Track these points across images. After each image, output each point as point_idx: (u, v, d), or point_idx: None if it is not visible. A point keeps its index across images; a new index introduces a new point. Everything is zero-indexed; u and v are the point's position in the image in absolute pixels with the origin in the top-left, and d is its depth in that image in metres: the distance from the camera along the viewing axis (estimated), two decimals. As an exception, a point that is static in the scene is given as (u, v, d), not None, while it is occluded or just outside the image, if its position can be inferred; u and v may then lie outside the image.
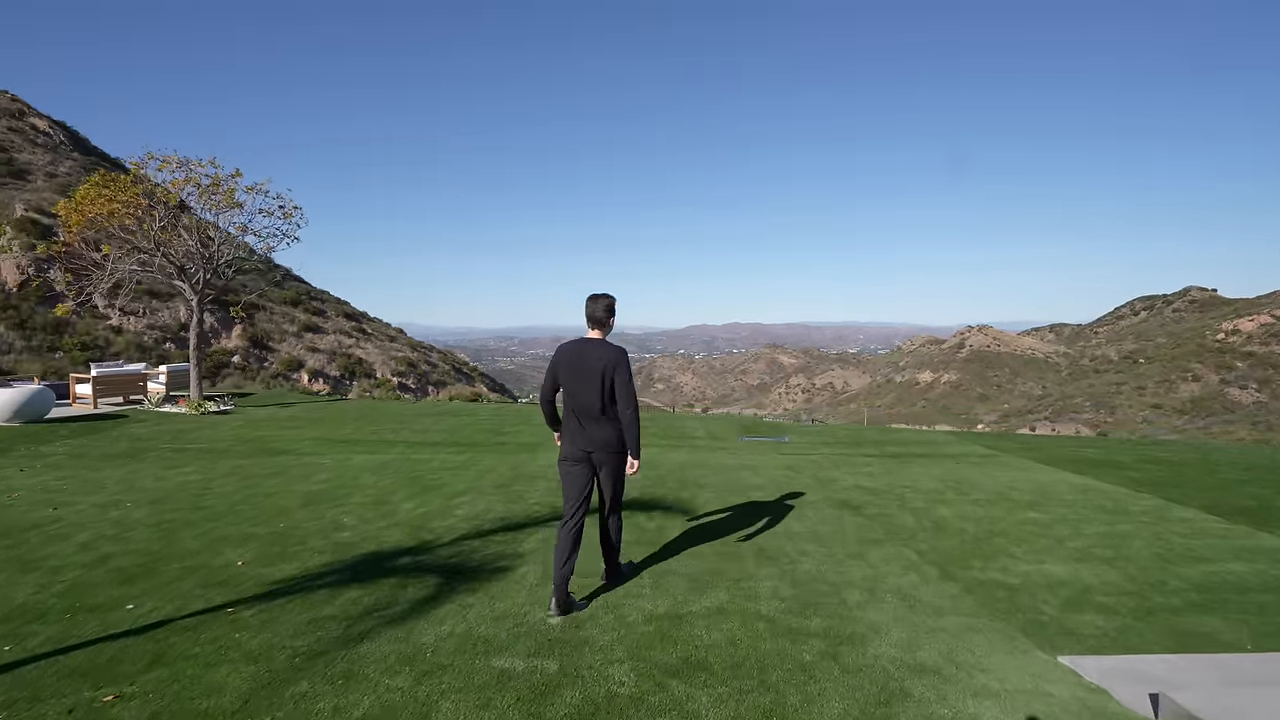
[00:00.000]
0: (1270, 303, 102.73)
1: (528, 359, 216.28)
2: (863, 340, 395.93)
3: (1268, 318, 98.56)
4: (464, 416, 12.48)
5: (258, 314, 45.83)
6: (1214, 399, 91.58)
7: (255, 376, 39.01)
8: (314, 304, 50.21)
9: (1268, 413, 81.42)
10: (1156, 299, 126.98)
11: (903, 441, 10.52)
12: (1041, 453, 9.62)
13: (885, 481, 7.50)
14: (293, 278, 52.30)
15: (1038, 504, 6.59)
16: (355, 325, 50.41)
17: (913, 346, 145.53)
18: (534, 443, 9.59)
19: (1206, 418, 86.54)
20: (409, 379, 46.32)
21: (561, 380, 3.74)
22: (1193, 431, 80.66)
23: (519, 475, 7.21)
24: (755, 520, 5.67)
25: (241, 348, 40.82)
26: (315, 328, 46.62)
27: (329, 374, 42.73)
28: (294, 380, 40.61)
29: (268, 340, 42.67)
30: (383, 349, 48.44)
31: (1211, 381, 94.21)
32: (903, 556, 4.89)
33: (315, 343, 44.72)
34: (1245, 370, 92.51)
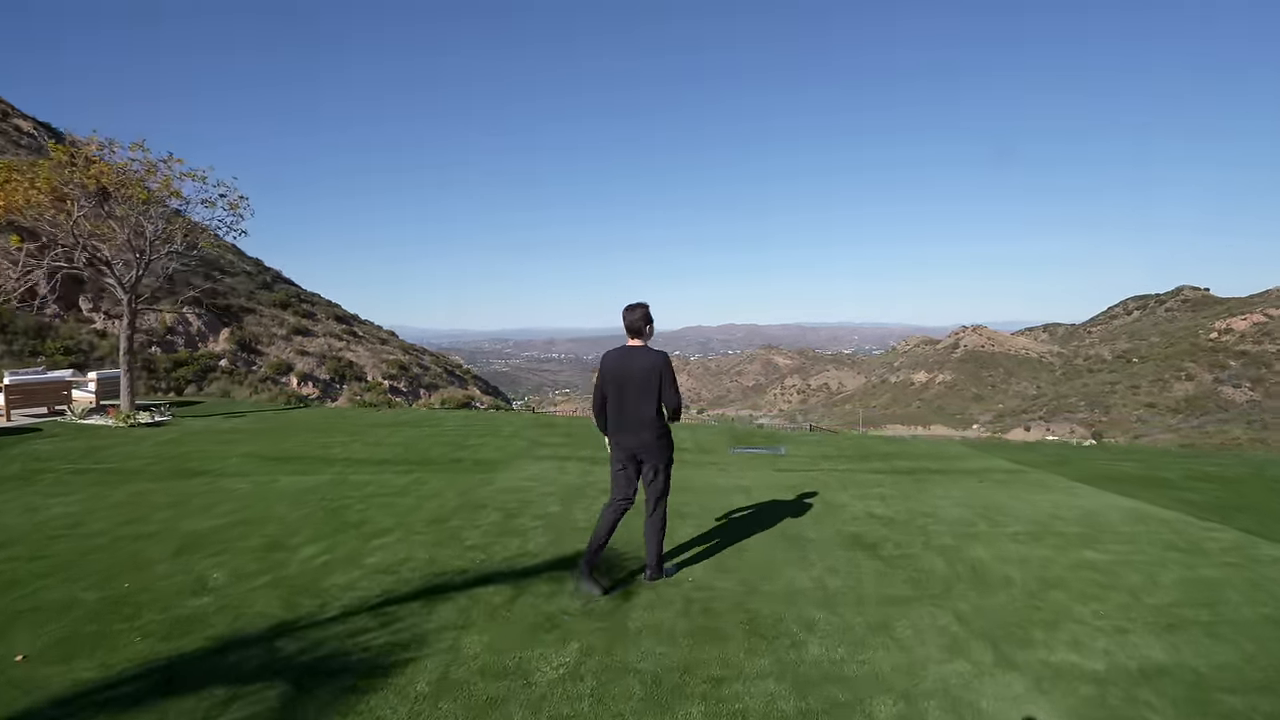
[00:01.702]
0: (1263, 301, 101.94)
1: (522, 361, 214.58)
2: (858, 341, 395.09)
3: (1260, 316, 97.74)
4: (426, 427, 11.18)
5: (246, 317, 44.59)
6: (1208, 398, 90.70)
7: (243, 380, 37.69)
8: (304, 306, 48.90)
9: (1262, 411, 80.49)
10: (1149, 298, 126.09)
11: (914, 454, 9.27)
12: (1074, 468, 8.37)
13: (902, 508, 6.23)
14: (283, 280, 51.06)
15: (1091, 539, 5.33)
16: (346, 328, 49.13)
17: (907, 347, 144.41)
18: (495, 460, 8.31)
19: (1201, 416, 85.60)
20: (400, 382, 45.02)
21: (607, 387, 3.82)
22: (1187, 431, 79.71)
23: (465, 505, 5.93)
24: (746, 569, 4.39)
25: (229, 351, 39.52)
26: (305, 330, 45.31)
27: (319, 377, 41.43)
28: (283, 384, 39.36)
29: (256, 343, 41.37)
30: (374, 352, 47.14)
31: (1205, 380, 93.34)
32: (940, 626, 3.62)
33: (305, 345, 43.40)
34: (1238, 369, 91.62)
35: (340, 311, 51.90)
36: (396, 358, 48.70)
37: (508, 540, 4.88)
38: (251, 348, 42.41)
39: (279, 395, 40.07)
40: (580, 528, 5.26)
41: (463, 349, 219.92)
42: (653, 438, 3.79)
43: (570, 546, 4.76)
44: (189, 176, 11.11)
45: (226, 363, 39.90)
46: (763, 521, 5.62)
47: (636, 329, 3.83)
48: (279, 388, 40.31)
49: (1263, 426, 74.28)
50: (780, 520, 5.66)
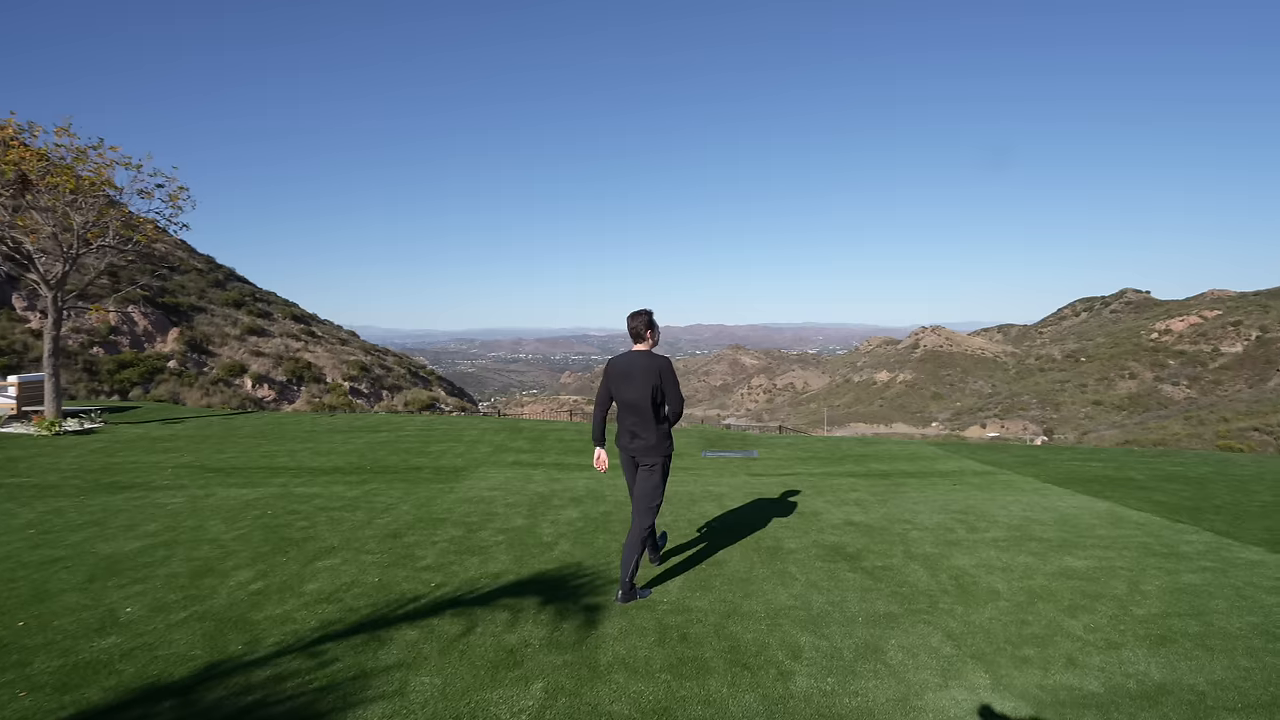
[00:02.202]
0: (1198, 304, 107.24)
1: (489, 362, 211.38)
2: (822, 341, 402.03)
3: (1196, 318, 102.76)
4: (384, 433, 10.60)
5: (197, 316, 42.65)
6: (1149, 395, 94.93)
7: (193, 382, 35.96)
8: (259, 305, 47.06)
9: (1198, 407, 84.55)
10: (1096, 300, 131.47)
11: (887, 456, 9.16)
12: (1045, 469, 8.36)
13: (879, 514, 6.04)
14: (236, 278, 49.06)
15: (1070, 544, 5.21)
16: (304, 328, 47.43)
17: (870, 347, 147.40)
18: (457, 467, 7.85)
19: (1143, 413, 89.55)
20: (362, 384, 43.65)
21: (614, 391, 3.92)
22: (1131, 427, 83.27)
23: (422, 519, 5.49)
24: (725, 586, 4.10)
25: (179, 352, 37.65)
26: (260, 330, 43.54)
27: (275, 379, 39.82)
28: (236, 386, 37.71)
29: (207, 344, 39.54)
30: (334, 353, 45.59)
31: (1147, 379, 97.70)
32: (932, 647, 3.39)
33: (260, 346, 41.69)
34: (1177, 368, 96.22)
35: (298, 311, 50.15)
36: (358, 359, 47.25)
37: (467, 559, 4.48)
38: (202, 348, 40.60)
39: (232, 398, 38.44)
40: (545, 542, 4.89)
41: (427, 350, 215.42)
42: (654, 440, 3.87)
43: (536, 565, 4.40)
44: (122, 164, 10.28)
45: (175, 364, 38.07)
46: (739, 531, 5.34)
47: (639, 334, 3.90)
48: (232, 390, 38.68)
49: (1199, 422, 78.02)
50: (757, 530, 5.39)
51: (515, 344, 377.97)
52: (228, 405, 35.36)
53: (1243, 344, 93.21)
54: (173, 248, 48.43)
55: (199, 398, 36.34)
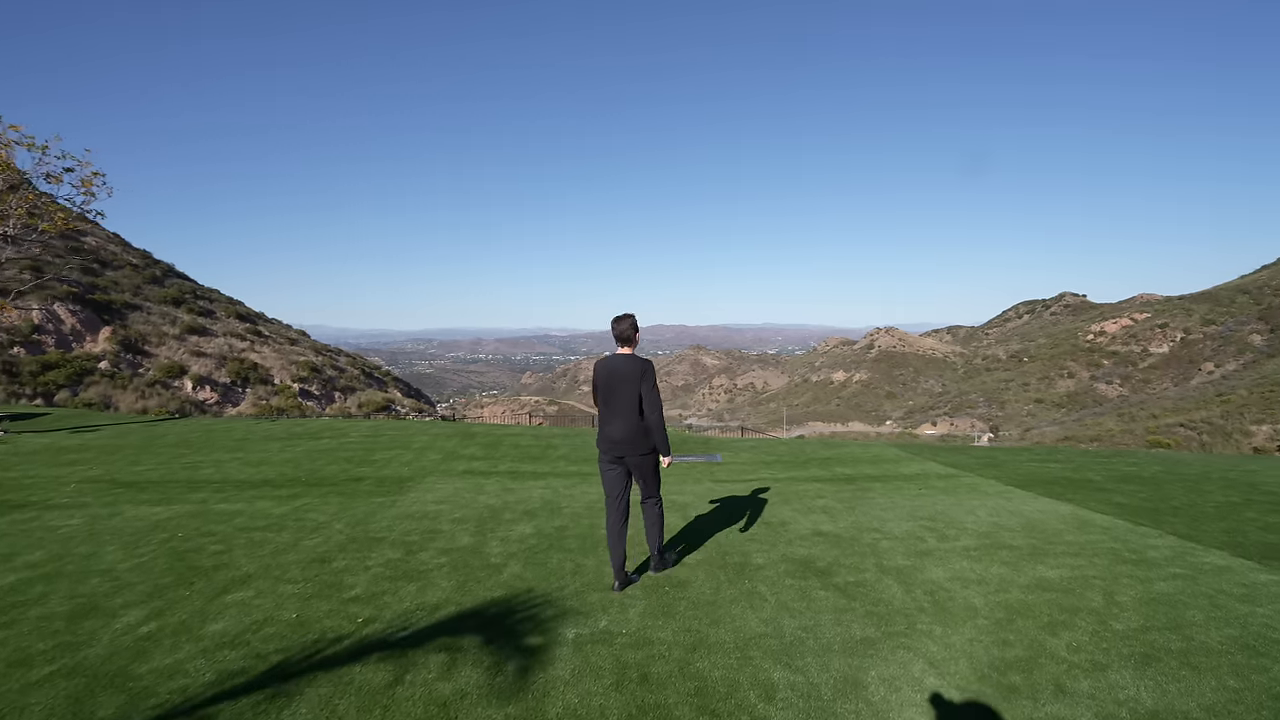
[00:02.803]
0: (1130, 307, 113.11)
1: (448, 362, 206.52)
2: (781, 341, 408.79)
3: (1128, 320, 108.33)
4: (326, 439, 9.87)
5: (131, 314, 40.13)
6: (1086, 394, 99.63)
7: (127, 384, 33.75)
8: (200, 303, 44.66)
9: (1129, 405, 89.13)
10: (1037, 303, 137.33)
11: (851, 459, 8.98)
12: (1006, 470, 8.31)
13: (848, 523, 5.78)
14: (175, 274, 46.47)
15: (1040, 552, 5.04)
16: (250, 327, 45.20)
17: (827, 347, 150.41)
18: (402, 478, 7.27)
19: (1080, 410, 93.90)
20: (313, 385, 41.83)
21: (600, 392, 4.04)
22: (1070, 424, 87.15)
23: (356, 539, 4.95)
24: (689, 610, 3.73)
25: (110, 352, 35.27)
26: (202, 329, 41.25)
27: (218, 381, 37.75)
28: (175, 388, 35.59)
29: (143, 344, 37.20)
30: (282, 353, 43.57)
31: (1084, 378, 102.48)
32: (914, 678, 3.08)
33: (201, 346, 39.47)
34: (1110, 368, 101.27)
35: (243, 309, 47.84)
36: (308, 359, 45.33)
37: (403, 588, 3.98)
38: (137, 348, 38.26)
39: (170, 400, 36.33)
40: (493, 564, 4.43)
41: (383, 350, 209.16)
42: (637, 438, 3.99)
43: (481, 592, 3.93)
44: (24, 145, 9.24)
45: (107, 365, 35.71)
46: (705, 545, 4.99)
47: (626, 338, 4.04)
48: (171, 392, 36.59)
49: (1130, 419, 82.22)
50: (723, 543, 5.05)
51: (475, 344, 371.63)
52: (165, 409, 33.36)
53: (1169, 345, 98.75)
54: (105, 241, 45.55)
55: (133, 401, 34.21)
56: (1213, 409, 69.19)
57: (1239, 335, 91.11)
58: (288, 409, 39.80)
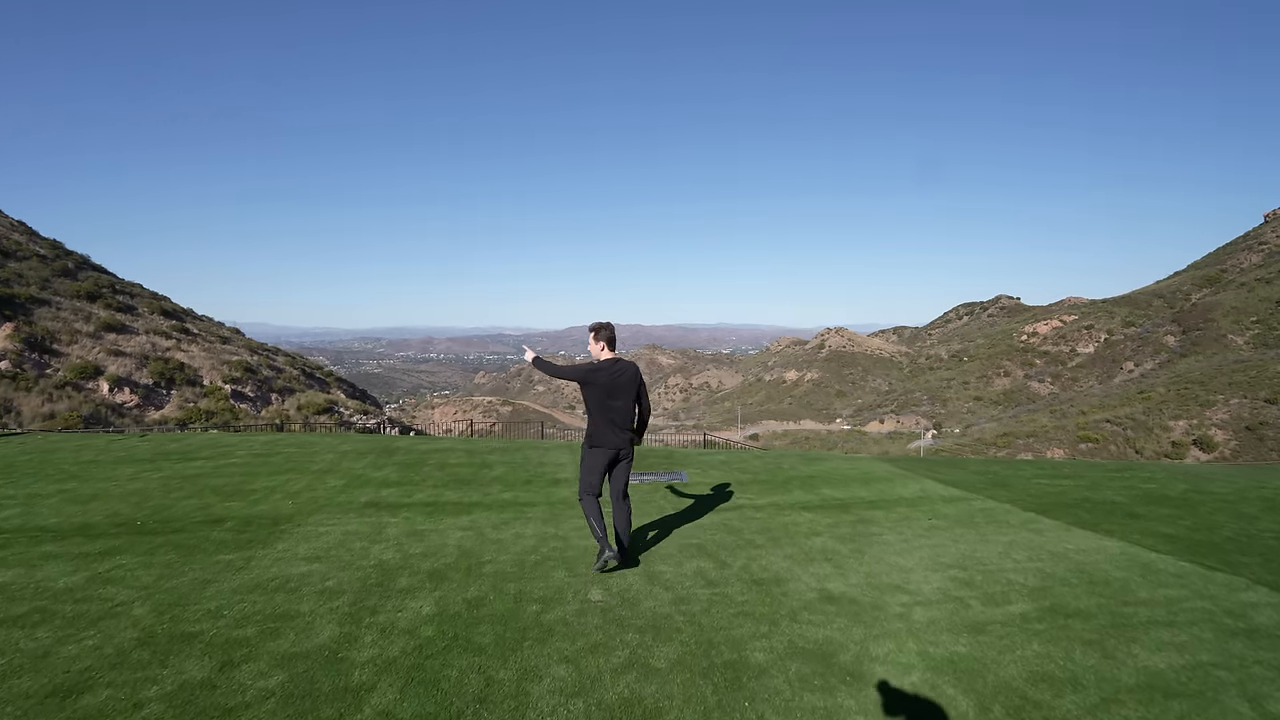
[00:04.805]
0: (1059, 309, 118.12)
1: (397, 361, 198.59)
2: (735, 341, 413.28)
3: (1058, 322, 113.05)
4: (200, 460, 7.85)
5: (38, 310, 35.95)
6: (1020, 391, 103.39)
7: (31, 386, 29.97)
8: (119, 299, 40.56)
9: (1060, 402, 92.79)
10: (975, 305, 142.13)
11: (838, 478, 7.60)
12: (1016, 490, 7.09)
13: (861, 577, 4.34)
14: (90, 266, 42.15)
15: (1122, 622, 3.70)
16: (176, 324, 41.34)
17: (779, 347, 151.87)
18: (279, 516, 5.43)
19: (1016, 407, 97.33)
20: (246, 386, 38.44)
21: (602, 393, 4.18)
22: (1006, 420, 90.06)
23: (154, 637, 3.18)
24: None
25: (12, 351, 31.28)
26: (121, 327, 37.33)
27: (139, 382, 34.09)
28: (89, 390, 31.92)
29: (51, 342, 33.26)
30: (212, 352, 39.94)
31: (1019, 377, 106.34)
32: None
33: (120, 344, 35.66)
34: (1042, 367, 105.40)
35: (169, 305, 43.84)
36: (241, 359, 41.79)
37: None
38: (45, 347, 34.29)
39: (84, 404, 32.76)
40: (354, 687, 2.76)
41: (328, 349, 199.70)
42: (631, 436, 4.27)
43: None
44: None
45: (8, 365, 31.73)
46: (677, 624, 3.45)
47: (614, 342, 4.37)
48: (84, 395, 32.91)
49: (1061, 415, 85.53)
50: (702, 622, 3.51)
51: (426, 343, 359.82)
52: (76, 413, 29.81)
53: (1094, 345, 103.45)
54: (7, 230, 40.89)
55: (39, 404, 30.52)
56: (1135, 406, 72.42)
57: (1155, 336, 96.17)
58: (218, 411, 36.53)
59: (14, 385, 29.74)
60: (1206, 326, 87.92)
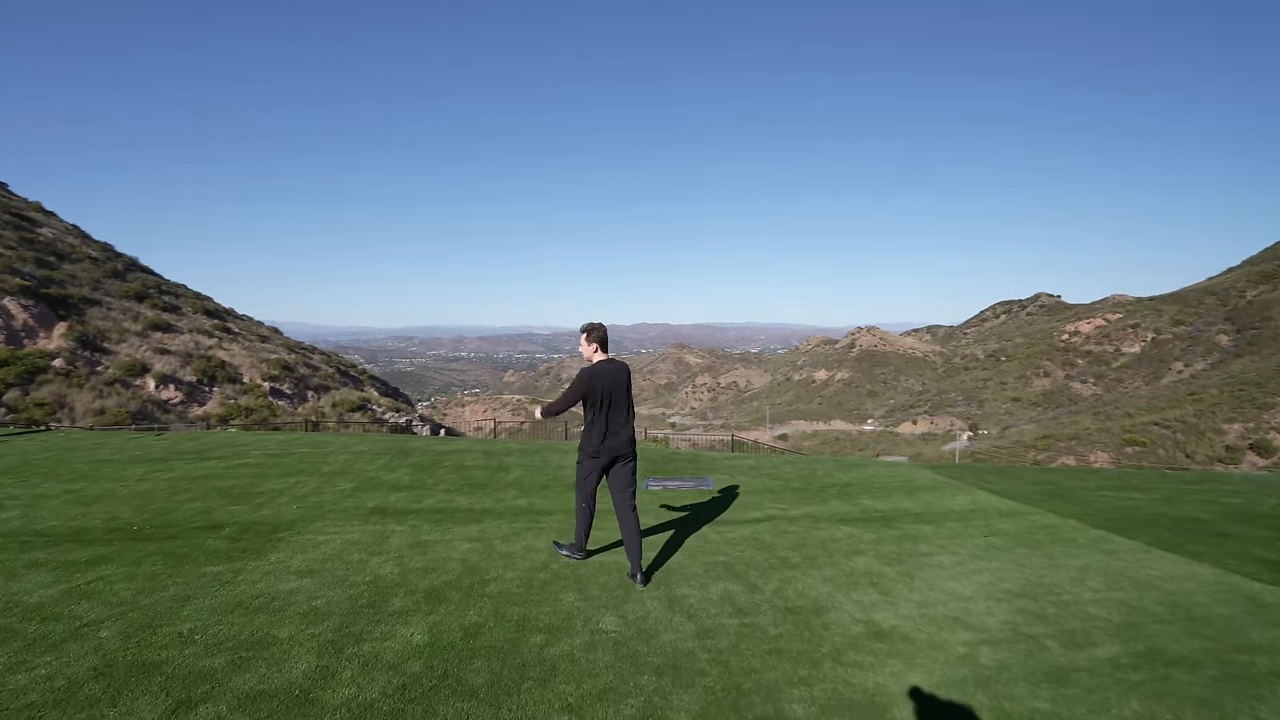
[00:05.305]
0: (1103, 307, 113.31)
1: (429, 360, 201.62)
2: (764, 340, 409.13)
3: (1101, 321, 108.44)
4: (214, 461, 7.62)
5: (90, 309, 37.27)
6: (1061, 392, 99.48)
7: (83, 383, 31.05)
8: (165, 299, 41.81)
9: (1104, 403, 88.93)
10: (1013, 304, 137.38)
11: (878, 487, 6.97)
12: (1080, 503, 6.36)
13: (912, 605, 3.76)
14: (138, 268, 43.57)
15: (1238, 672, 3.03)
16: (218, 323, 42.45)
17: (809, 346, 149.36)
18: (281, 522, 5.11)
19: (1056, 409, 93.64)
20: (284, 384, 39.24)
21: (602, 395, 4.02)
22: (1046, 422, 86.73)
23: (110, 666, 2.82)
24: None
25: (66, 349, 32.47)
26: (166, 326, 38.46)
27: (182, 379, 35.06)
28: (136, 387, 32.93)
29: (102, 340, 34.43)
30: (252, 350, 40.89)
31: (1059, 377, 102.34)
32: None
33: (165, 343, 36.73)
34: (1084, 367, 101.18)
35: (211, 305, 45.07)
36: (279, 357, 42.71)
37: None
38: (96, 345, 35.51)
39: (131, 400, 33.76)
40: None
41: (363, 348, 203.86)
42: (632, 439, 4.13)
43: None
44: None
45: (62, 362, 32.93)
46: (701, 665, 2.95)
47: (606, 342, 4.13)
48: (132, 392, 34.00)
49: (1106, 417, 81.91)
50: (730, 663, 3.00)
51: (457, 342, 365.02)
52: (124, 409, 30.84)
53: (1140, 345, 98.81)
54: (62, 233, 42.54)
55: (90, 400, 31.63)
56: (1185, 408, 68.74)
57: (1207, 336, 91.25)
58: (257, 408, 37.39)
59: (68, 382, 30.84)
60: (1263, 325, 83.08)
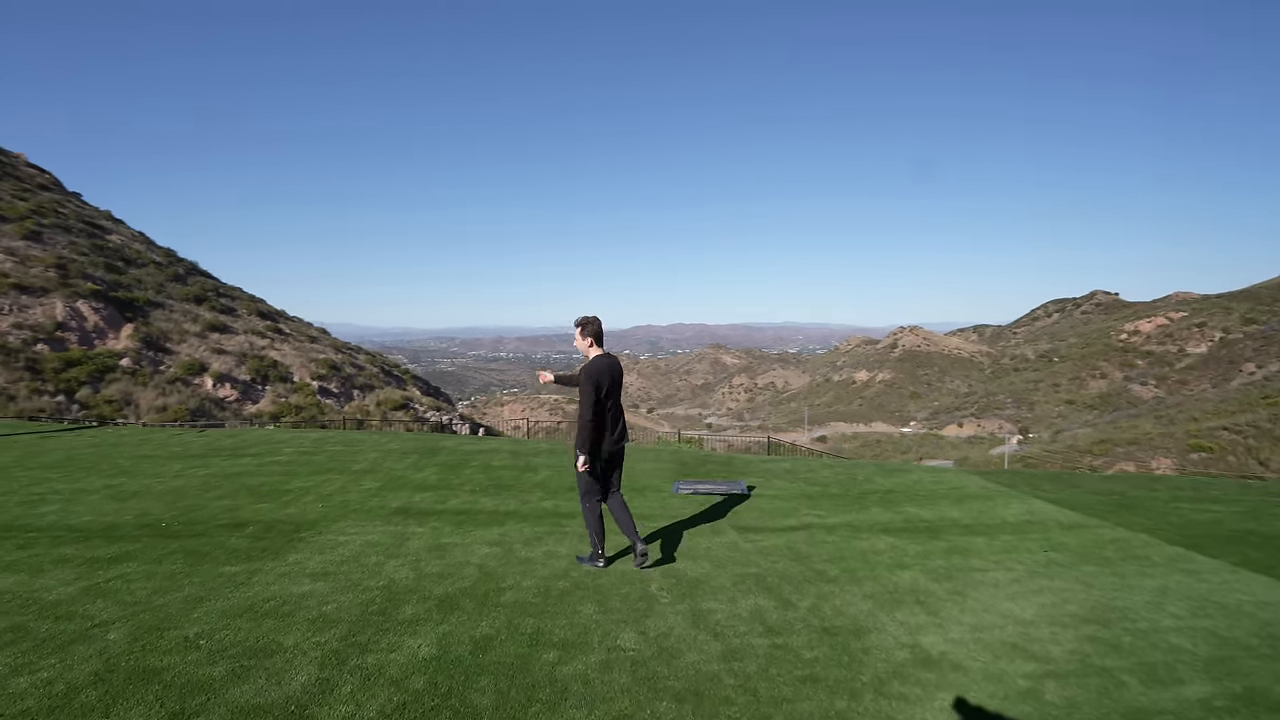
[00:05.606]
0: (1165, 305, 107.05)
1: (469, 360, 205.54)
2: (802, 341, 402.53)
3: (1163, 320, 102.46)
4: (248, 458, 7.70)
5: (154, 312, 39.28)
6: (1119, 395, 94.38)
7: (148, 381, 32.73)
8: (222, 301, 43.72)
9: (1166, 406, 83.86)
10: (1067, 302, 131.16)
11: (923, 493, 6.50)
12: (1151, 515, 5.76)
13: (964, 628, 3.38)
14: (198, 272, 45.67)
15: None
16: (270, 325, 44.15)
17: (849, 347, 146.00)
18: (304, 522, 5.04)
19: (1114, 412, 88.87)
20: (331, 383, 40.52)
21: (605, 392, 3.90)
22: (1103, 426, 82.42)
23: (111, 672, 2.71)
24: None
25: (132, 349, 34.29)
26: (223, 327, 40.21)
27: (238, 378, 36.58)
28: (195, 385, 34.52)
29: (165, 341, 36.22)
30: (301, 350, 42.36)
31: (1116, 378, 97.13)
32: None
33: (222, 343, 38.41)
34: (1145, 368, 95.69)
35: (264, 307, 46.91)
36: (327, 357, 44.11)
37: None
38: (159, 345, 37.35)
39: (191, 398, 35.33)
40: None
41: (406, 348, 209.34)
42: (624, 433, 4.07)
43: None
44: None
45: (129, 362, 34.76)
46: (726, 697, 2.66)
47: (601, 336, 3.99)
48: (191, 390, 35.64)
49: (1169, 421, 77.21)
50: (759, 692, 2.71)
51: (496, 342, 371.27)
52: (184, 406, 32.33)
53: (1207, 345, 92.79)
54: (129, 240, 44.96)
55: (154, 398, 33.30)
56: (1259, 412, 64.14)
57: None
58: (306, 406, 38.63)
59: (134, 380, 32.52)
60: (1349, 323, 77.01)
